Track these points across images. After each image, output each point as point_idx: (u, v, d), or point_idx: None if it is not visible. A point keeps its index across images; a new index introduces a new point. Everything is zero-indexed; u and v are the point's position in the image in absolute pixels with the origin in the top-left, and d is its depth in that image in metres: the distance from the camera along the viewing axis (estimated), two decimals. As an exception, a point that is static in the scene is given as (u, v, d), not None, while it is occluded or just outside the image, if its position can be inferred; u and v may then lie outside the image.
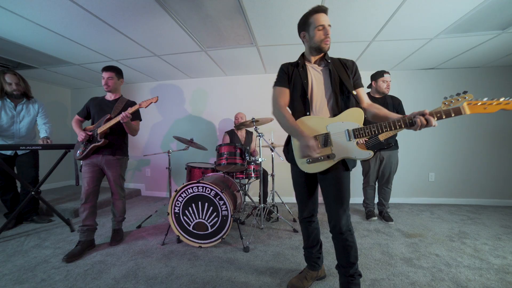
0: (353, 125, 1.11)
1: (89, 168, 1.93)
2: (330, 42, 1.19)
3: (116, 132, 1.99)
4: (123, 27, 2.07)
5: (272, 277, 1.55)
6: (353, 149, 1.11)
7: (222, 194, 1.89)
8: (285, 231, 2.31)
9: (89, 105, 2.05)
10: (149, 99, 1.86)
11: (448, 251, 1.85)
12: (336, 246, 1.24)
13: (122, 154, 2.05)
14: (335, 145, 1.14)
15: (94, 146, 1.88)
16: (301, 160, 1.23)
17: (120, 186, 2.06)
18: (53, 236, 2.21)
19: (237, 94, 3.60)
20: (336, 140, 1.14)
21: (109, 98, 2.05)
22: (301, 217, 1.44)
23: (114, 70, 1.98)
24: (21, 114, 2.29)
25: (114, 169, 1.99)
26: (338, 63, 1.25)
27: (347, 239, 1.18)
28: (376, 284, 1.45)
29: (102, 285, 1.46)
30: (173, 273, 1.59)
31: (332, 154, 1.14)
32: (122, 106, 1.99)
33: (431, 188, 3.25)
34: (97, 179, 1.96)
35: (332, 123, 1.16)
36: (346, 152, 1.12)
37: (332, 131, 1.15)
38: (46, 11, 1.79)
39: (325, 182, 1.24)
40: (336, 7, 1.81)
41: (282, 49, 2.59)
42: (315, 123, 1.20)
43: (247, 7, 1.78)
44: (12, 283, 1.48)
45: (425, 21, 1.98)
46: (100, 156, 1.94)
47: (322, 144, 1.16)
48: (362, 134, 1.09)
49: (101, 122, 1.92)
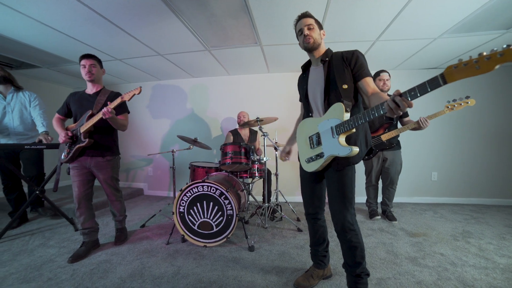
0: (336, 121, 1.09)
1: (77, 171, 1.79)
2: (314, 39, 1.21)
3: (101, 130, 1.81)
4: (128, 26, 2.07)
5: (278, 276, 1.55)
6: (336, 146, 1.08)
7: (227, 193, 1.89)
8: (289, 230, 2.31)
9: (69, 101, 1.86)
10: (131, 90, 1.63)
11: (453, 250, 1.85)
12: (342, 245, 1.23)
13: (112, 154, 1.90)
14: (324, 143, 1.16)
15: (79, 147, 1.73)
16: (303, 161, 1.30)
17: (113, 187, 1.95)
18: (58, 235, 2.21)
19: (240, 93, 3.60)
20: (324, 138, 1.16)
21: (89, 91, 1.85)
22: (306, 213, 1.45)
23: (95, 58, 1.81)
24: (12, 103, 2.18)
25: (104, 171, 1.85)
26: (338, 57, 1.20)
27: (351, 239, 1.17)
28: (383, 283, 1.45)
29: (109, 284, 1.46)
30: (179, 272, 1.59)
31: (321, 152, 1.17)
32: (105, 99, 1.80)
33: (434, 188, 3.25)
34: (88, 182, 1.84)
35: (321, 122, 1.17)
36: (332, 149, 1.11)
37: (321, 130, 1.17)
38: (52, 10, 1.79)
39: (328, 181, 1.26)
40: (342, 7, 1.82)
41: (286, 48, 2.59)
42: (310, 124, 1.27)
43: (252, 6, 1.78)
44: (19, 282, 1.48)
45: (430, 20, 1.98)
46: (88, 158, 1.79)
47: (315, 143, 1.21)
48: (344, 128, 1.05)
49: (83, 119, 1.75)
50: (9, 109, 2.16)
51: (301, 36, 1.25)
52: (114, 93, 1.87)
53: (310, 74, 1.32)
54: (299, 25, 1.26)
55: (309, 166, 1.26)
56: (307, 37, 1.22)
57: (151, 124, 3.89)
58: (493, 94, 3.11)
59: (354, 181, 1.21)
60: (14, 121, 2.19)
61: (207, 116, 3.72)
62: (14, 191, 2.37)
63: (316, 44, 1.23)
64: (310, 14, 1.26)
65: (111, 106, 1.64)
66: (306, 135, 1.28)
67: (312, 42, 1.22)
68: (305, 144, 1.29)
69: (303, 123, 1.34)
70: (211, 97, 3.69)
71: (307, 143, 1.27)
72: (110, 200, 2.01)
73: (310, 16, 1.25)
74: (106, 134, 1.87)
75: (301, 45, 1.28)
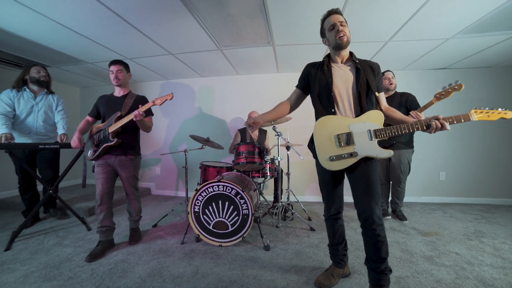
0: (374, 126, 1.19)
1: (102, 168, 1.87)
2: (347, 36, 1.24)
3: (127, 131, 1.92)
4: (143, 26, 2.07)
5: (298, 274, 1.56)
6: (375, 148, 1.19)
7: (243, 193, 1.90)
8: (302, 229, 2.32)
9: (98, 104, 1.98)
10: (163, 96, 1.72)
11: (468, 249, 1.86)
12: (367, 241, 1.23)
13: (134, 154, 1.98)
14: (358, 144, 1.20)
15: (107, 146, 1.81)
16: (325, 159, 1.26)
17: (134, 186, 2.01)
18: (71, 234, 2.21)
19: (248, 93, 3.60)
20: (358, 139, 1.20)
21: (117, 94, 1.97)
22: (327, 215, 1.44)
23: (122, 64, 1.93)
24: (40, 104, 2.28)
25: (127, 169, 1.93)
26: (365, 64, 1.30)
27: (379, 234, 1.18)
28: (402, 282, 1.46)
29: (130, 283, 1.47)
30: (198, 272, 1.60)
31: (354, 152, 1.20)
32: (132, 102, 1.91)
33: (442, 187, 3.27)
34: (111, 180, 1.91)
35: (354, 123, 1.22)
36: (368, 150, 1.19)
37: (355, 131, 1.21)
38: (69, 9, 1.79)
39: (353, 178, 1.26)
40: (359, 7, 1.82)
41: (298, 49, 2.60)
42: (337, 122, 1.25)
43: (270, 6, 1.78)
44: (41, 280, 1.49)
45: (445, 20, 1.99)
46: (112, 156, 1.88)
47: (345, 142, 1.22)
48: (383, 134, 1.18)
49: (112, 120, 1.84)
50: (36, 109, 2.25)
51: (332, 31, 1.25)
52: (140, 97, 2.00)
53: (334, 70, 1.30)
54: (329, 20, 1.25)
55: (334, 164, 1.23)
56: (341, 32, 1.22)
57: (159, 123, 3.88)
58: (501, 93, 3.13)
59: (378, 176, 1.26)
60: (37, 121, 2.27)
61: (215, 116, 3.72)
62: (29, 191, 2.39)
63: (348, 42, 1.25)
64: (341, 11, 1.26)
65: (142, 110, 1.73)
66: (331, 133, 1.25)
67: (345, 39, 1.23)
68: (329, 142, 1.26)
69: (325, 120, 1.27)
70: (218, 96, 3.70)
71: (332, 141, 1.25)
72: (129, 199, 2.04)
73: (341, 14, 1.25)
74: (131, 135, 1.97)
75: (332, 41, 1.26)
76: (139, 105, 1.88)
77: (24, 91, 2.22)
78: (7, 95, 2.15)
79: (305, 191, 3.45)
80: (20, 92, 2.20)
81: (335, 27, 1.23)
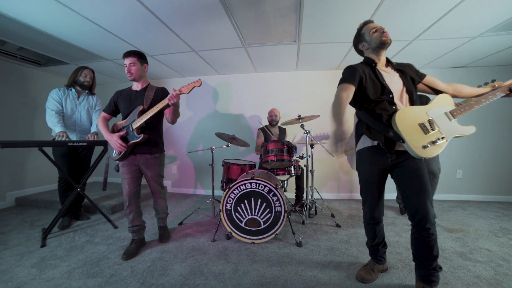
0: (449, 107, 1.27)
1: (127, 168, 1.79)
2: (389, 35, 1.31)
3: (151, 126, 1.81)
4: (174, 24, 2.06)
5: (337, 270, 1.58)
6: (458, 127, 1.25)
7: (276, 190, 1.91)
8: (328, 226, 2.34)
9: (116, 99, 1.86)
10: (190, 83, 1.60)
11: (498, 246, 1.89)
12: (419, 239, 1.24)
13: (159, 152, 1.90)
14: (442, 127, 1.23)
15: (133, 143, 1.72)
16: (419, 148, 1.19)
17: (160, 184, 1.97)
18: (99, 232, 2.21)
19: (266, 90, 3.59)
20: (440, 123, 1.24)
21: (136, 88, 1.85)
22: (371, 221, 1.43)
23: (136, 55, 1.75)
24: (82, 104, 2.40)
25: (153, 168, 1.86)
26: (401, 66, 1.38)
27: (433, 233, 1.20)
28: (441, 276, 1.48)
29: (173, 281, 1.48)
30: (238, 269, 1.61)
31: (443, 136, 1.21)
32: (153, 95, 1.80)
33: (459, 185, 3.30)
34: (137, 179, 1.85)
35: (431, 109, 1.25)
36: (454, 131, 1.24)
37: (434, 116, 1.24)
38: (109, 9, 1.78)
39: (404, 177, 1.27)
40: (391, 6, 1.82)
41: (322, 47, 2.59)
42: (413, 112, 1.25)
43: (306, 4, 1.77)
44: (85, 276, 1.49)
45: (477, 18, 1.98)
46: (137, 155, 1.80)
47: (431, 128, 1.22)
48: (461, 111, 1.25)
49: (134, 115, 1.73)
50: (79, 108, 2.38)
51: (375, 32, 1.31)
52: (160, 88, 1.89)
53: (383, 74, 1.32)
54: (369, 26, 1.35)
55: (429, 151, 1.18)
56: (387, 33, 1.29)
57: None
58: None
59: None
60: (82, 118, 2.40)
61: (232, 114, 3.71)
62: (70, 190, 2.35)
63: (391, 42, 1.31)
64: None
65: (177, 92, 1.64)
66: (414, 122, 1.22)
67: (390, 38, 1.30)
68: (416, 132, 1.21)
69: (403, 112, 1.24)
70: (236, 94, 3.68)
71: (418, 130, 1.21)
72: (155, 198, 2.01)
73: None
74: (155, 131, 1.87)
75: (377, 40, 1.30)
76: (159, 97, 1.81)
77: (70, 90, 2.33)
78: (57, 94, 2.26)
79: (323, 189, 3.46)
80: (67, 91, 2.31)
81: (378, 29, 1.31)
